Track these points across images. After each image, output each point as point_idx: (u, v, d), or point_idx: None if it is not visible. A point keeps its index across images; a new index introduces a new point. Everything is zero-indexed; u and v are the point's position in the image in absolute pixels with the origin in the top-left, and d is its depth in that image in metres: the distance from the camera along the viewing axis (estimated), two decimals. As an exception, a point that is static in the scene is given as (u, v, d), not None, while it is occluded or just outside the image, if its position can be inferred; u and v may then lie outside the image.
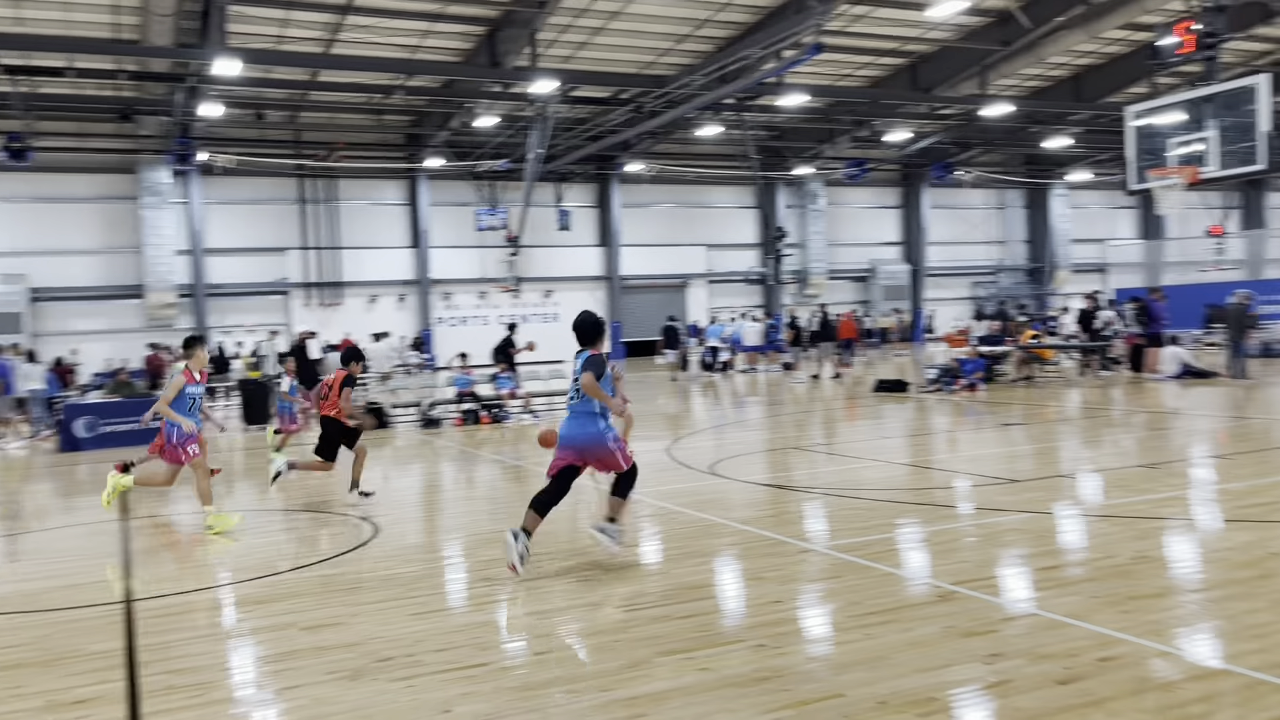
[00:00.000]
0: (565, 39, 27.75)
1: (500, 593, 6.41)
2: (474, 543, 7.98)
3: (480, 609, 6.15)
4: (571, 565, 6.93)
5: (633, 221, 41.09)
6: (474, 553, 7.61)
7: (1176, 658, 4.71)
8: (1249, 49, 32.41)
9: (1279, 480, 9.15)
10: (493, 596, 6.37)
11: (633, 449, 10.67)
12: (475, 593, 6.53)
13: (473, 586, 6.70)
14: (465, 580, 6.92)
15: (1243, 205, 48.60)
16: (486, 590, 6.50)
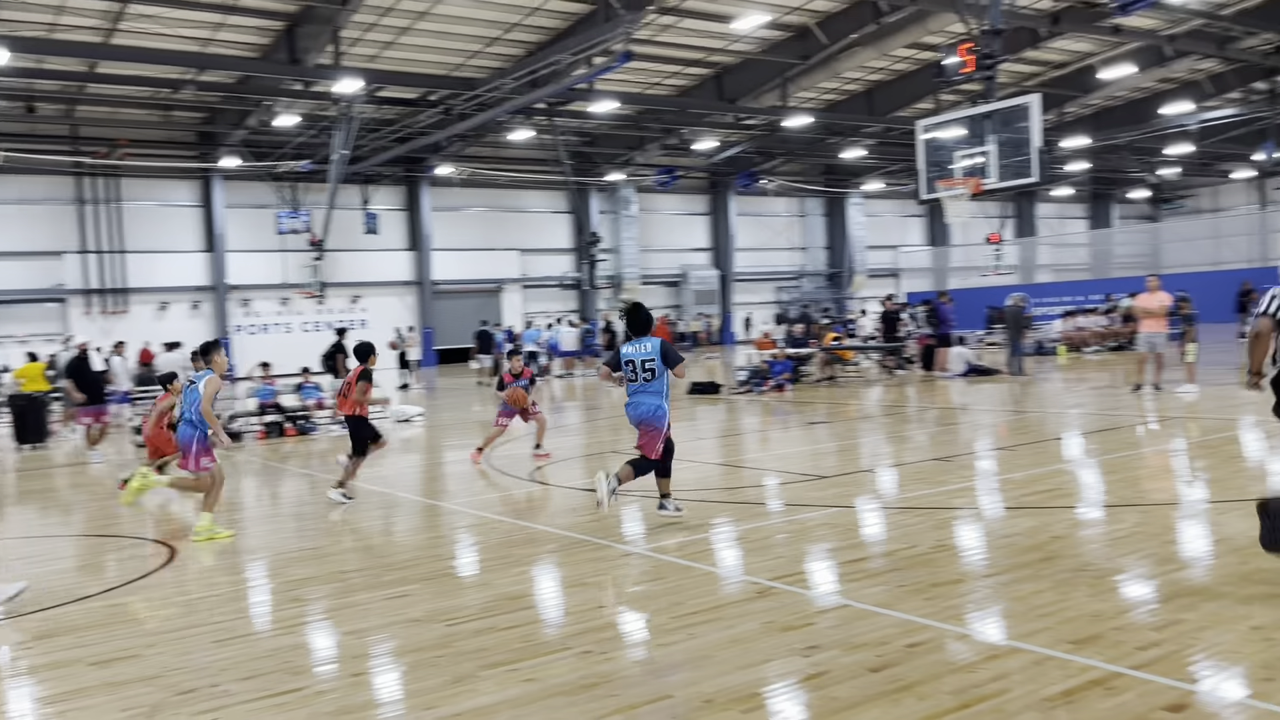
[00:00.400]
0: (370, 37, 26.98)
1: (312, 613, 6.13)
2: (281, 562, 7.59)
3: (290, 631, 5.85)
4: (390, 580, 6.70)
5: (444, 225, 40.43)
6: (281, 572, 7.24)
7: (974, 640, 5.01)
8: (1022, 70, 35.14)
9: (1055, 469, 9.92)
10: (303, 618, 6.07)
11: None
12: (284, 615, 6.21)
13: (281, 608, 6.37)
14: (273, 602, 6.56)
15: (1016, 215, 52.62)
16: (296, 612, 6.19)
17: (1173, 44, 29.38)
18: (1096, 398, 16.40)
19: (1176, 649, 4.64)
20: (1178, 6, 25.33)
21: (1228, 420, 12.59)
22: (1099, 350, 26.75)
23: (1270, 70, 31.97)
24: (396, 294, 39.60)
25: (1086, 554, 6.47)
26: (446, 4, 25.33)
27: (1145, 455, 10.68)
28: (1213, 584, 5.64)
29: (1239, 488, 8.44)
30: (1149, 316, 15.77)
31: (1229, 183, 53.82)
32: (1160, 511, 7.66)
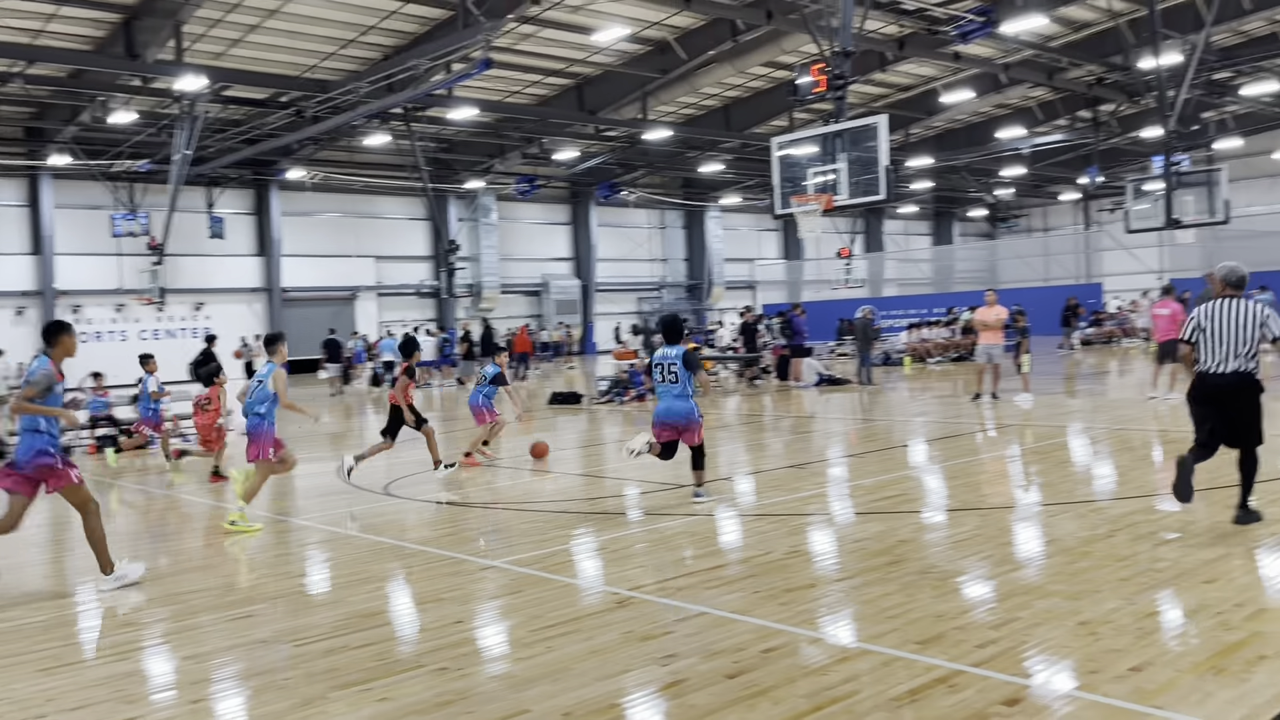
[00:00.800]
0: (216, 34, 25.89)
1: (148, 637, 5.79)
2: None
3: (124, 657, 5.50)
4: (233, 600, 6.40)
5: (295, 230, 39.12)
6: (114, 594, 6.82)
7: (827, 643, 5.14)
8: (871, 92, 36.55)
9: (901, 475, 10.31)
10: (139, 642, 5.74)
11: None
12: (117, 640, 5.85)
13: (114, 633, 6.00)
14: (104, 627, 6.16)
15: (865, 231, 54.65)
16: (131, 636, 5.85)
17: (1007, 72, 31.13)
18: (940, 406, 17.16)
19: (1012, 645, 4.88)
20: (1011, 37, 26.85)
21: (1058, 427, 13.36)
22: (941, 361, 28.01)
23: (1093, 100, 34.23)
24: (244, 301, 38.05)
25: (931, 557, 6.74)
26: (298, 3, 24.55)
27: (984, 461, 11.22)
28: (1044, 583, 5.96)
29: (1068, 491, 8.96)
30: (987, 329, 16.61)
31: (1058, 204, 57.34)
32: (998, 515, 8.05)
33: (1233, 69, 33.64)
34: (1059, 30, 31.05)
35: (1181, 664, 4.54)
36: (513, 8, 24.22)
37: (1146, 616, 5.23)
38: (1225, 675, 4.36)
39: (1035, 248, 54.75)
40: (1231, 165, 34.26)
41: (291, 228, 38.95)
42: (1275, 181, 47.11)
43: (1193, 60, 21.97)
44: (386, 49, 27.98)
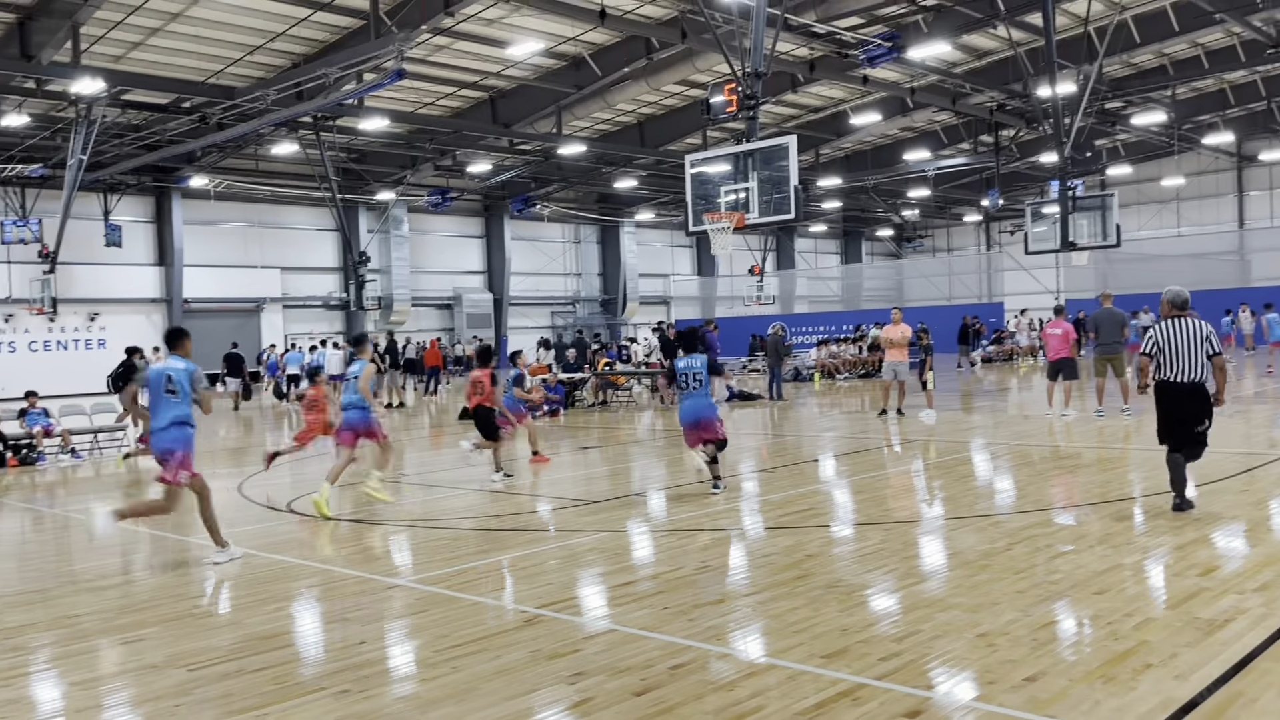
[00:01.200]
0: (116, 36, 25.06)
1: (34, 663, 5.53)
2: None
3: (7, 684, 5.23)
4: (125, 624, 6.15)
5: (198, 240, 37.99)
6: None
7: (735, 658, 5.17)
8: (783, 113, 37.20)
9: (811, 490, 10.46)
10: (23, 668, 5.47)
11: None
12: (1, 665, 5.57)
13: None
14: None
15: (776, 248, 55.50)
16: (14, 661, 5.57)
17: (913, 96, 32.01)
18: (847, 422, 17.47)
19: (914, 658, 4.97)
20: (917, 63, 27.64)
21: (961, 443, 13.73)
22: (850, 377, 28.56)
23: (995, 125, 35.42)
24: (142, 312, 36.78)
25: (837, 571, 6.85)
26: (203, 7, 23.92)
27: (890, 476, 11.46)
28: (946, 596, 6.09)
29: (969, 505, 9.20)
30: (892, 346, 16.99)
31: (961, 225, 59.12)
32: (902, 529, 8.22)
33: (1123, 99, 35.22)
34: (962, 57, 32.09)
35: (1073, 673, 4.68)
36: (426, 19, 23.99)
37: (1041, 627, 5.39)
38: (1114, 684, 4.52)
39: (939, 267, 56.32)
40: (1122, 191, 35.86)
41: (194, 237, 37.83)
42: (1163, 207, 49.40)
43: (1086, 90, 22.89)
44: (295, 56, 27.44)
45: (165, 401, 7.68)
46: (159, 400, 7.71)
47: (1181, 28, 28.87)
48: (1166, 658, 4.82)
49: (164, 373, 7.75)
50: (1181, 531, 7.54)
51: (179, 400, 7.66)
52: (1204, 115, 40.22)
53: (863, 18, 25.54)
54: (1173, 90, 35.75)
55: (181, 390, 7.66)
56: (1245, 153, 46.74)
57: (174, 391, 7.67)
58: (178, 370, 7.72)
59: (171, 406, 7.66)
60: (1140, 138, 41.42)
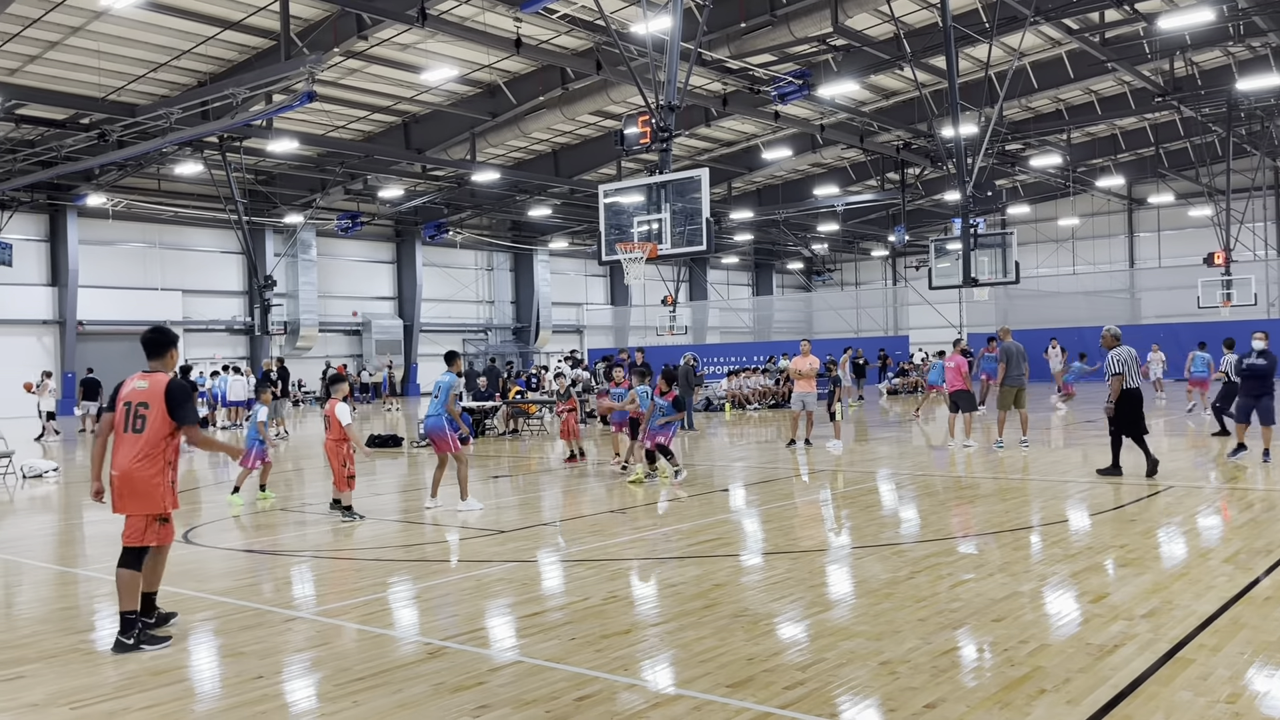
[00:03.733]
0: (12, 49, 24.22)
1: (-102, 706, 5.20)
2: None
3: None
4: (3, 660, 5.84)
5: (94, 260, 36.69)
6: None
7: (642, 688, 5.14)
8: (696, 145, 37.73)
9: (719, 519, 10.52)
10: (-114, 712, 5.14)
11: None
12: None
13: None
14: None
15: (689, 279, 56.05)
16: (-123, 705, 5.23)
17: (823, 133, 32.80)
18: (757, 451, 17.65)
19: (819, 686, 5.02)
20: (827, 101, 28.35)
21: (868, 473, 13.98)
22: (760, 407, 28.89)
23: (901, 163, 36.49)
24: (33, 333, 35.32)
25: (744, 600, 6.88)
26: (105, 21, 23.28)
27: (798, 505, 11.59)
28: (850, 624, 6.17)
29: (873, 534, 9.36)
30: (801, 378, 17.25)
31: (869, 259, 60.58)
32: (810, 557, 8.32)
33: (1022, 141, 36.65)
34: (870, 97, 33.03)
35: (972, 699, 4.78)
36: (339, 42, 23.76)
37: (942, 654, 5.49)
38: (1010, 709, 4.63)
39: (848, 300, 57.57)
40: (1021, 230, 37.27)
41: (90, 257, 36.53)
42: (1059, 246, 51.41)
43: (987, 131, 23.77)
44: (202, 75, 26.86)
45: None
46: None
47: (1076, 75, 30.26)
48: (1060, 683, 4.95)
49: (438, 386, 11.24)
50: (1075, 560, 7.79)
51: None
52: (1097, 159, 42.16)
53: (775, 55, 26.13)
54: (1068, 134, 37.39)
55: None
56: (1135, 195, 49.06)
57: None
58: (443, 382, 11.18)
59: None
60: (1038, 179, 43.14)
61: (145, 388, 6.11)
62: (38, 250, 35.78)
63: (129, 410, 6.11)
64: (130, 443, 6.06)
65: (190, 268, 39.73)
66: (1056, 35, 27.25)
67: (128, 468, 6.04)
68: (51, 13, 22.41)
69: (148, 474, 6.04)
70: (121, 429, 6.12)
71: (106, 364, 35.99)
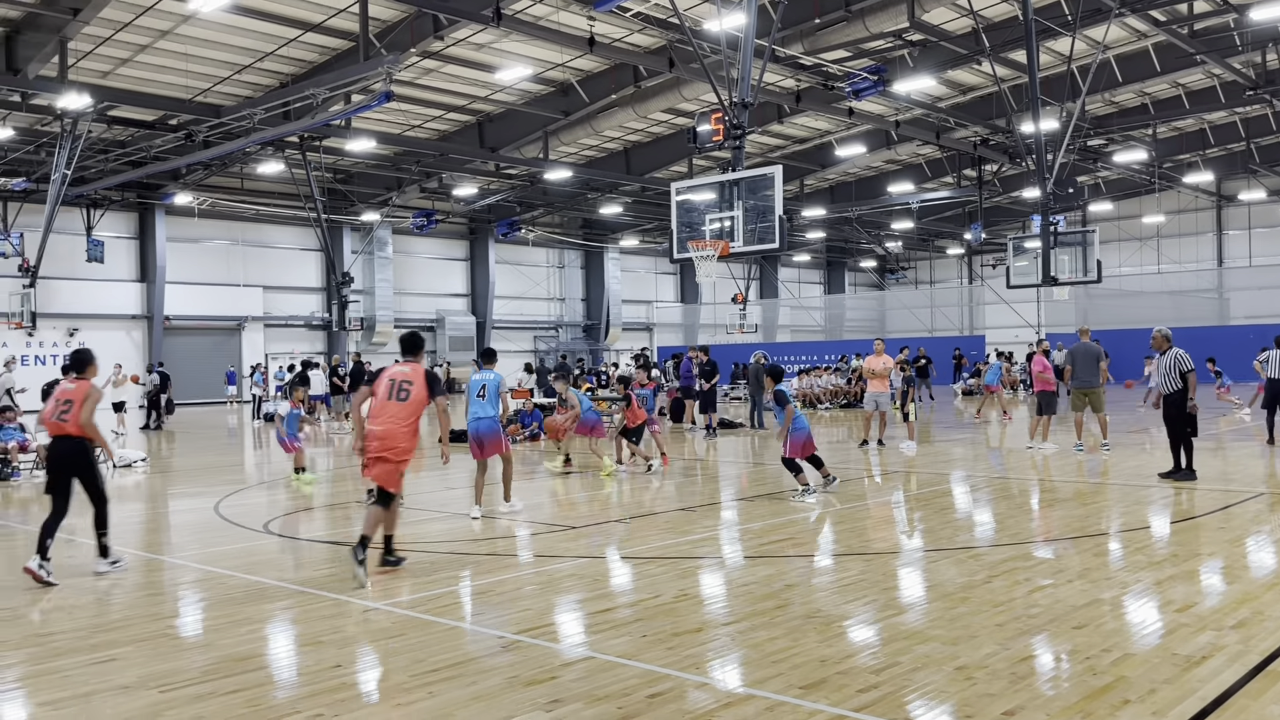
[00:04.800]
0: (104, 52, 25.08)
1: (3, 681, 5.43)
2: (-35, 626, 6.70)
3: (-29, 706, 5.16)
4: (97, 643, 6.07)
5: (180, 257, 37.85)
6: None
7: (713, 687, 5.14)
8: (769, 142, 37.49)
9: (790, 519, 10.45)
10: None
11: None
12: (-35, 687, 5.47)
13: (-38, 679, 5.61)
14: (-49, 673, 5.76)
15: (760, 277, 55.78)
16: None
17: (898, 129, 32.35)
18: (828, 452, 17.47)
19: (893, 690, 4.96)
20: (902, 96, 27.94)
21: (941, 474, 13.76)
22: (830, 407, 28.62)
23: (978, 160, 35.81)
24: (122, 328, 36.55)
25: (816, 601, 6.83)
26: (192, 26, 23.97)
27: (870, 507, 11.46)
28: (925, 627, 6.09)
29: (948, 537, 9.21)
30: (874, 377, 17.05)
31: (944, 257, 59.56)
32: (882, 560, 8.22)
33: (1105, 137, 35.69)
34: (947, 92, 32.46)
35: (1051, 708, 4.68)
36: (416, 42, 24.12)
37: (1020, 661, 5.39)
38: (1092, 719, 4.52)
39: (922, 299, 56.68)
40: (1103, 227, 36.26)
41: (176, 254, 37.70)
42: (1143, 244, 49.95)
43: (1069, 127, 23.20)
44: (284, 76, 27.51)
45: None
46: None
47: (1163, 68, 29.35)
48: (1145, 694, 4.82)
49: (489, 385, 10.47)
50: (1160, 567, 7.58)
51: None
52: (1184, 154, 40.82)
53: (849, 51, 25.82)
54: (1153, 129, 36.30)
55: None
56: (1224, 192, 47.41)
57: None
58: (491, 379, 10.49)
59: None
60: (1121, 175, 41.96)
61: (407, 371, 8.18)
62: (128, 247, 37.03)
63: (394, 385, 8.04)
64: (394, 408, 7.94)
65: (271, 264, 40.74)
66: (1143, 27, 26.47)
67: (391, 428, 7.89)
68: (141, 17, 23.14)
69: (406, 431, 7.92)
70: (385, 398, 8.00)
71: (190, 358, 37.21)
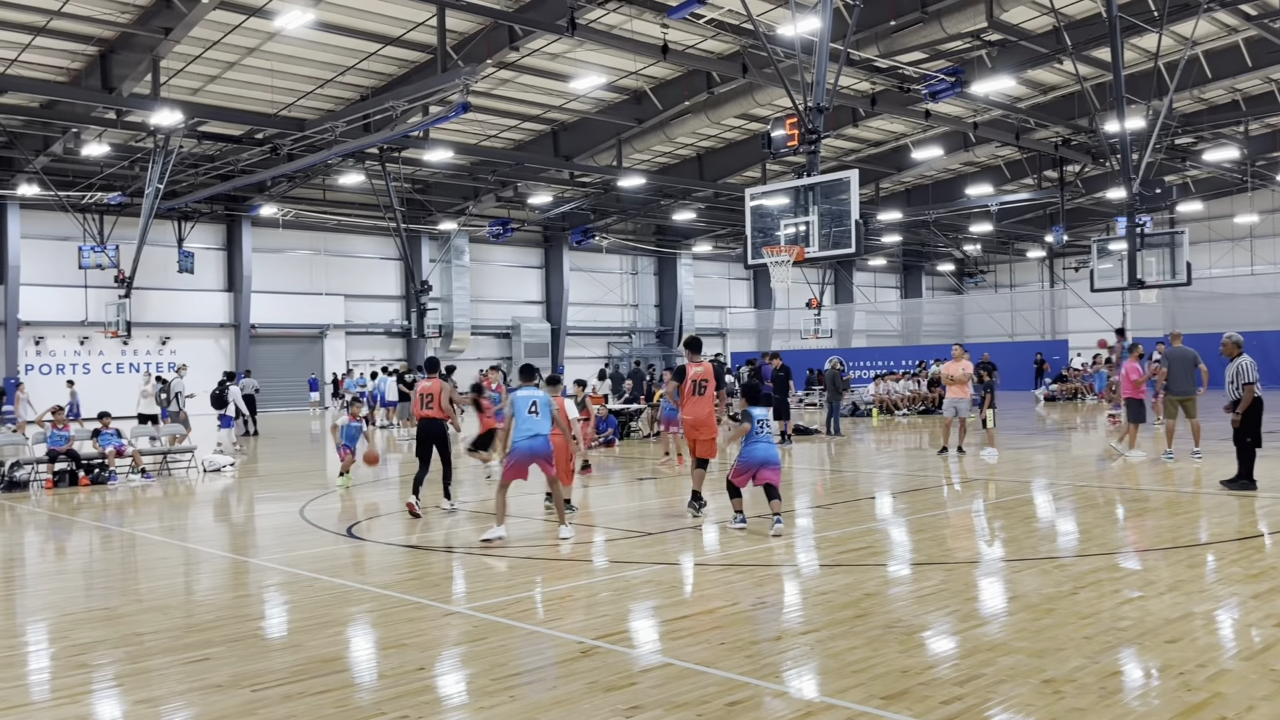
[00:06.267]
0: (194, 70, 25.94)
1: (99, 680, 5.65)
2: (66, 624, 6.97)
3: (74, 700, 5.36)
4: (190, 643, 6.27)
5: (265, 266, 38.95)
6: (66, 635, 6.66)
7: (793, 697, 5.10)
8: (843, 146, 37.13)
9: (868, 528, 10.33)
10: (90, 685, 5.59)
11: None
12: (68, 682, 5.69)
13: (64, 675, 5.84)
14: (55, 668, 6.01)
15: (834, 282, 55.25)
16: (83, 678, 5.70)
17: (976, 131, 31.76)
18: (906, 459, 17.23)
19: (977, 702, 4.87)
20: (980, 98, 27.44)
21: (1023, 483, 13.46)
22: (908, 413, 28.20)
23: (1059, 160, 34.97)
24: (210, 336, 37.73)
25: (896, 610, 6.74)
26: (277, 42, 24.67)
27: (950, 515, 11.27)
28: (1008, 639, 5.96)
29: (1032, 547, 9.01)
30: (953, 383, 16.75)
31: (1024, 260, 58.26)
32: (963, 569, 8.07)
33: (1194, 135, 34.57)
34: (1026, 92, 31.79)
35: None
36: (492, 54, 24.46)
37: (1109, 675, 5.25)
38: (1187, 736, 4.38)
39: (1001, 303, 55.50)
40: (1192, 228, 35.08)
41: (261, 264, 38.79)
42: (1235, 245, 48.24)
43: (1156, 126, 22.54)
44: (364, 89, 28.12)
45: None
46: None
47: (1254, 63, 28.32)
48: (1242, 710, 4.66)
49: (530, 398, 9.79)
50: (1257, 580, 7.31)
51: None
52: (1277, 152, 39.29)
53: (925, 53, 25.46)
54: (1245, 126, 35.01)
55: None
56: (1321, 190, 45.50)
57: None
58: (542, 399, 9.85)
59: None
60: (1211, 174, 40.59)
61: (701, 370, 11.07)
62: (216, 258, 38.22)
63: (696, 384, 11.01)
64: (697, 401, 10.98)
65: (352, 273, 41.67)
66: (1233, 22, 25.59)
67: (700, 415, 10.98)
68: (229, 35, 23.90)
69: (709, 417, 10.95)
70: (690, 394, 11.00)
71: (276, 365, 38.21)
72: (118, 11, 22.30)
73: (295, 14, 20.80)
